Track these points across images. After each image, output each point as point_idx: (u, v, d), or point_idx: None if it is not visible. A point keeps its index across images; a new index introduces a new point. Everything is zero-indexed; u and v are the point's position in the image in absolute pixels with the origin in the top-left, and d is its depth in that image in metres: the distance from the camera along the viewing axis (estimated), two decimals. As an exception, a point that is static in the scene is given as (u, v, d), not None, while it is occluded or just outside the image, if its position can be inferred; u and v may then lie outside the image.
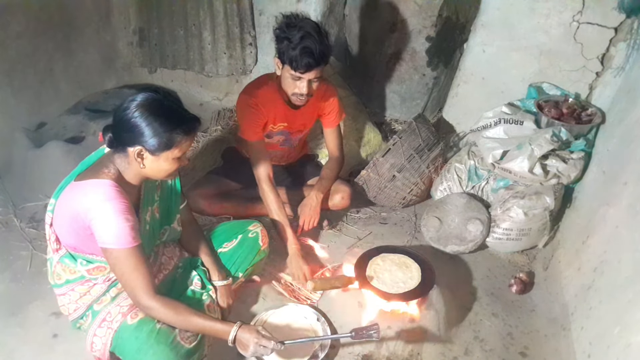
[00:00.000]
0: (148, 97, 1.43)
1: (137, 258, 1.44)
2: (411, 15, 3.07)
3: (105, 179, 1.43)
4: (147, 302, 1.47)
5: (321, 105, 2.33)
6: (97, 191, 1.41)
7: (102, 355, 1.58)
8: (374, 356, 1.81)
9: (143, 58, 3.47)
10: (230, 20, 3.13)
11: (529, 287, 2.23)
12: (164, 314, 1.49)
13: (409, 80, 3.31)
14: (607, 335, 1.62)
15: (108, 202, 1.39)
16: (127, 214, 1.41)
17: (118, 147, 1.46)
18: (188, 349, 1.54)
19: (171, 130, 1.41)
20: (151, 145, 1.41)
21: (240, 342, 1.54)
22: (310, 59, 1.93)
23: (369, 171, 2.49)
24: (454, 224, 2.38)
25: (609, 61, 2.45)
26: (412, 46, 3.18)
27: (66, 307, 1.63)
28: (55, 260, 1.56)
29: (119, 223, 1.39)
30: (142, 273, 1.45)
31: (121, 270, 1.44)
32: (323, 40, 1.95)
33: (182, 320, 1.51)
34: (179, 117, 1.44)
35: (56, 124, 2.85)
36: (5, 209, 2.49)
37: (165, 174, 1.51)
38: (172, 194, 1.76)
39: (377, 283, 1.93)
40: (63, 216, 1.47)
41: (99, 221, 1.39)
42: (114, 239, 1.40)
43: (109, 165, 1.48)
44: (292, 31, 1.94)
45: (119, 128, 1.43)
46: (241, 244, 1.96)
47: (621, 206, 1.84)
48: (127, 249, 1.42)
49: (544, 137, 2.30)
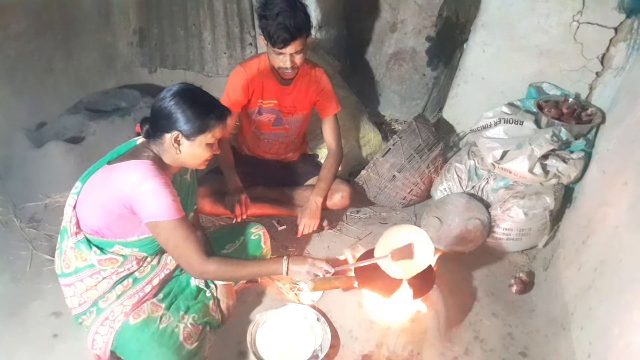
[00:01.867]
0: (183, 87, 1.52)
1: (186, 227, 1.49)
2: (411, 15, 3.08)
3: (145, 159, 1.49)
4: (203, 266, 1.53)
5: (314, 89, 2.33)
6: (140, 169, 1.45)
7: (102, 354, 1.59)
8: (374, 356, 1.81)
9: (143, 58, 3.47)
10: (230, 20, 3.13)
11: (529, 287, 2.23)
12: (222, 271, 1.58)
13: (409, 80, 3.32)
14: (607, 335, 1.62)
15: (153, 178, 1.44)
16: (171, 188, 1.47)
17: (155, 135, 1.52)
18: (190, 350, 1.54)
19: (205, 116, 1.50)
20: (187, 130, 1.49)
21: (294, 271, 1.67)
22: (286, 34, 1.97)
23: (369, 171, 2.49)
24: (454, 224, 2.38)
25: (609, 61, 2.45)
26: (412, 46, 3.18)
27: (70, 300, 1.63)
28: (70, 244, 1.55)
29: (167, 196, 1.44)
30: (194, 240, 1.51)
31: (174, 242, 1.49)
32: (298, 13, 1.98)
33: (237, 271, 1.63)
34: (211, 104, 1.54)
35: (56, 124, 2.85)
36: (5, 209, 2.49)
37: (199, 160, 1.58)
38: (189, 192, 1.78)
39: None
40: (95, 197, 1.49)
41: (146, 196, 1.43)
42: (164, 212, 1.44)
43: (147, 150, 1.54)
44: (268, 8, 1.99)
45: (156, 117, 1.50)
46: (244, 246, 1.98)
47: (621, 206, 1.84)
48: (177, 220, 1.47)
49: (544, 137, 2.30)
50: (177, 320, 1.60)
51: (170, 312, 1.63)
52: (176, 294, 1.72)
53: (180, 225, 1.47)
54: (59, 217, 2.39)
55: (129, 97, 3.13)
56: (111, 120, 2.83)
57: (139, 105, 3.02)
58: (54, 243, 2.28)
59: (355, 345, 1.84)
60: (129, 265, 1.60)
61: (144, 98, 3.09)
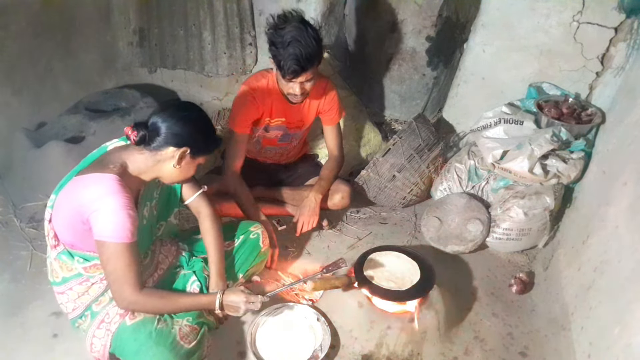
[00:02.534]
0: (199, 108, 1.57)
1: (132, 254, 1.44)
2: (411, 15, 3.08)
3: (109, 173, 1.44)
4: (134, 296, 1.47)
5: (320, 102, 2.33)
6: (101, 184, 1.41)
7: (101, 357, 1.58)
8: (374, 356, 1.81)
9: (143, 58, 3.47)
10: (230, 20, 3.13)
11: (529, 287, 2.23)
12: (151, 304, 1.52)
13: (409, 80, 3.31)
14: (607, 335, 1.62)
15: (112, 195, 1.39)
16: (129, 209, 1.41)
17: (154, 145, 1.49)
18: (187, 350, 1.54)
19: (214, 141, 1.58)
20: (198, 149, 1.52)
21: (229, 306, 1.62)
22: (297, 66, 1.93)
23: (369, 171, 2.49)
24: (454, 224, 2.38)
25: (609, 61, 2.45)
26: (412, 46, 3.18)
27: (65, 305, 1.63)
28: (53, 256, 1.56)
29: (121, 216, 1.39)
30: (134, 269, 1.46)
31: (114, 265, 1.43)
32: (309, 42, 1.91)
33: (168, 305, 1.57)
34: (215, 131, 1.61)
35: (56, 124, 2.85)
36: (5, 209, 2.49)
37: (184, 177, 1.61)
38: (170, 192, 1.78)
39: (377, 282, 1.92)
40: (62, 211, 1.47)
41: (100, 213, 1.38)
42: (113, 232, 1.39)
43: (115, 160, 1.50)
44: (279, 35, 1.93)
45: (168, 128, 1.48)
46: (242, 245, 1.97)
47: (621, 206, 1.84)
48: (125, 244, 1.42)
49: (544, 137, 2.30)
50: (172, 321, 1.59)
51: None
52: None
53: (127, 250, 1.42)
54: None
55: (129, 97, 3.13)
56: (111, 120, 2.83)
57: (139, 105, 3.02)
58: (54, 243, 2.29)
59: (355, 345, 1.84)
60: None
61: (144, 98, 3.09)
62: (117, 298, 1.49)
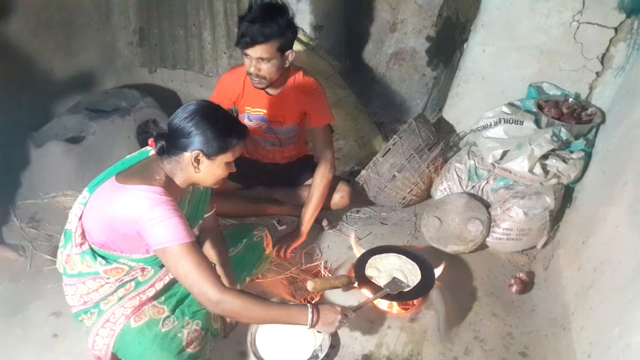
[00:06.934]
0: (204, 105, 1.51)
1: (198, 252, 1.42)
2: (411, 15, 3.08)
3: (156, 186, 1.45)
4: (218, 295, 1.40)
5: (303, 99, 2.26)
6: (149, 197, 1.41)
7: (103, 356, 1.58)
8: (374, 356, 1.81)
9: (143, 58, 3.47)
10: (230, 20, 3.13)
11: (529, 287, 2.23)
12: (242, 305, 1.43)
13: (409, 80, 3.32)
14: (607, 335, 1.62)
15: (160, 205, 1.40)
16: (179, 213, 1.43)
17: (172, 153, 1.49)
18: (191, 354, 1.54)
19: (227, 135, 1.49)
20: (209, 149, 1.47)
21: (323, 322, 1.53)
22: (247, 37, 1.93)
23: (369, 171, 2.49)
24: (454, 223, 2.38)
25: (609, 61, 2.45)
26: (412, 46, 3.18)
27: (71, 297, 1.61)
28: (75, 252, 1.52)
29: (174, 220, 1.40)
30: (207, 267, 1.42)
31: (184, 269, 1.40)
32: (269, 22, 1.93)
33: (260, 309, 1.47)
34: (233, 123, 1.54)
35: (56, 124, 2.85)
36: (5, 209, 2.49)
37: (216, 179, 1.56)
38: (201, 201, 1.76)
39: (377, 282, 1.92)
40: (101, 211, 1.46)
41: (154, 223, 1.38)
42: (172, 236, 1.39)
43: (159, 171, 1.51)
44: (247, 12, 1.96)
45: (176, 134, 1.47)
46: (247, 249, 1.97)
47: (621, 206, 1.84)
48: (187, 244, 1.40)
49: (544, 137, 2.30)
50: (181, 324, 1.58)
51: (175, 315, 1.61)
52: (181, 298, 1.68)
53: (190, 250, 1.40)
54: (59, 217, 2.41)
55: (129, 97, 3.13)
56: (111, 120, 2.83)
57: (139, 105, 3.01)
58: (54, 243, 2.28)
59: (355, 345, 1.84)
60: (134, 273, 1.59)
61: (144, 98, 3.09)
62: (204, 302, 1.42)
